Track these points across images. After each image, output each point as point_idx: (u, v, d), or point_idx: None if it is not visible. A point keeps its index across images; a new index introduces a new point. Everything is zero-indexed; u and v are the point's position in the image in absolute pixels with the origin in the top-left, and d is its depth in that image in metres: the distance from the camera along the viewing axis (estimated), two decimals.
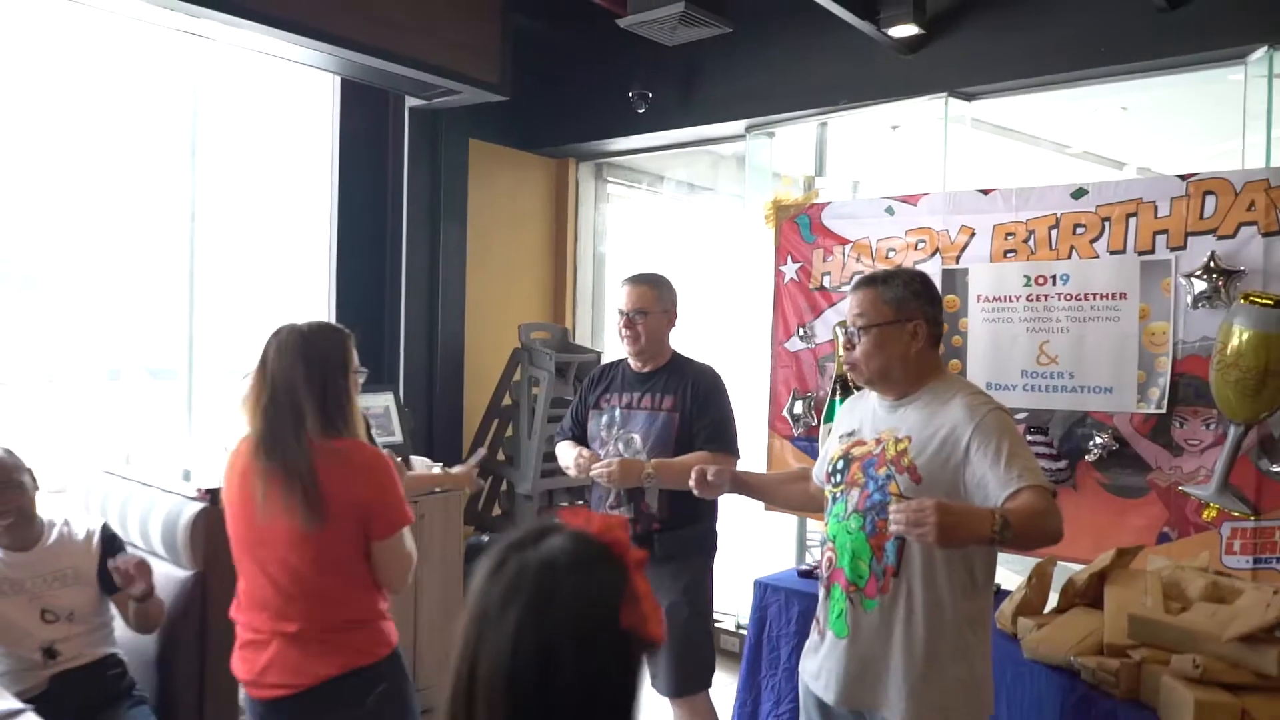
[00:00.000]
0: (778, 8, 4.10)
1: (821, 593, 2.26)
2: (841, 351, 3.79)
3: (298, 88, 4.39)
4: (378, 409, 4.00)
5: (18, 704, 2.08)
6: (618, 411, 3.02)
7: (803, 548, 4.62)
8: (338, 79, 4.34)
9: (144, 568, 2.60)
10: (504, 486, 4.76)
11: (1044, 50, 3.78)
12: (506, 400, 4.82)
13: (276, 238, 4.44)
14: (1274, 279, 3.10)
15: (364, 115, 4.43)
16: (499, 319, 5.02)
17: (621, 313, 3.09)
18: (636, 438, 2.95)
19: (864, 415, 2.30)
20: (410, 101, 4.37)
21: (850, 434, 2.30)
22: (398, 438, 4.05)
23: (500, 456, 4.78)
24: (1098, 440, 3.41)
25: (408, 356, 4.49)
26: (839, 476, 2.24)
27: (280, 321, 2.30)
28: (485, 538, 4.33)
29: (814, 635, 2.28)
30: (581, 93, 5.06)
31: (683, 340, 3.30)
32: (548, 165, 5.47)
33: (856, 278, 2.36)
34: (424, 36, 3.86)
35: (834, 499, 2.24)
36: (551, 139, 5.22)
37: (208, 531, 2.81)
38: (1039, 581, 2.74)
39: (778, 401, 4.23)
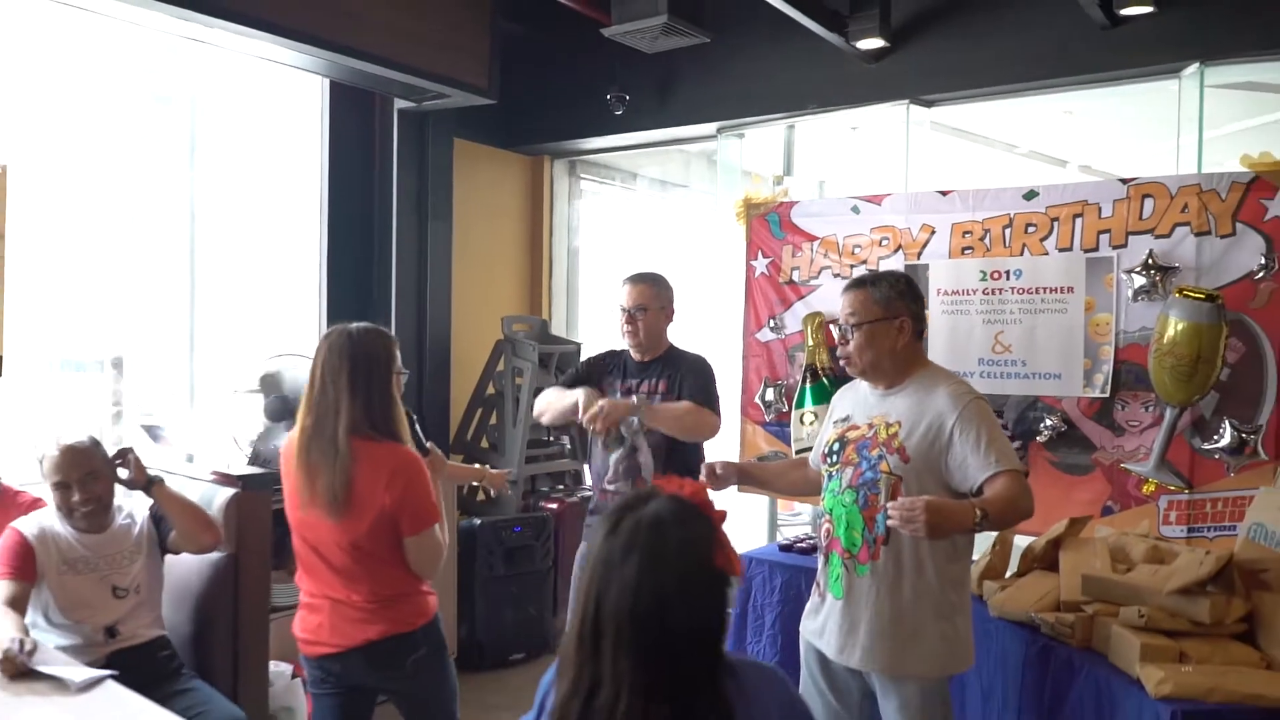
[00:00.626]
0: (751, 18, 4.33)
1: (820, 560, 2.52)
2: (825, 348, 4.09)
3: (290, 89, 4.52)
4: None
5: (101, 671, 2.26)
6: (618, 396, 3.26)
7: (774, 526, 4.90)
8: (326, 81, 4.48)
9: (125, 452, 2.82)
10: None
11: (999, 62, 4.07)
12: (490, 390, 5.02)
13: (271, 234, 4.58)
14: (1205, 274, 3.41)
15: (353, 116, 4.58)
16: (480, 311, 5.21)
17: (623, 309, 3.32)
18: (635, 420, 3.19)
19: (856, 402, 2.57)
20: (399, 103, 4.53)
21: (844, 419, 2.56)
22: None
23: (484, 444, 4.98)
24: (1048, 422, 3.71)
25: (400, 351, 4.66)
26: (835, 457, 2.50)
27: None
28: (477, 521, 4.53)
29: (814, 597, 2.55)
30: (560, 93, 5.25)
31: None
32: (524, 162, 5.66)
33: (847, 280, 2.62)
34: (416, 43, 4.03)
35: (830, 477, 2.51)
36: (530, 137, 5.41)
37: (239, 515, 2.99)
38: (1001, 549, 3.05)
39: (749, 389, 4.48)
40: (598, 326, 5.74)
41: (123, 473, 2.82)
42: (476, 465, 3.67)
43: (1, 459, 3.26)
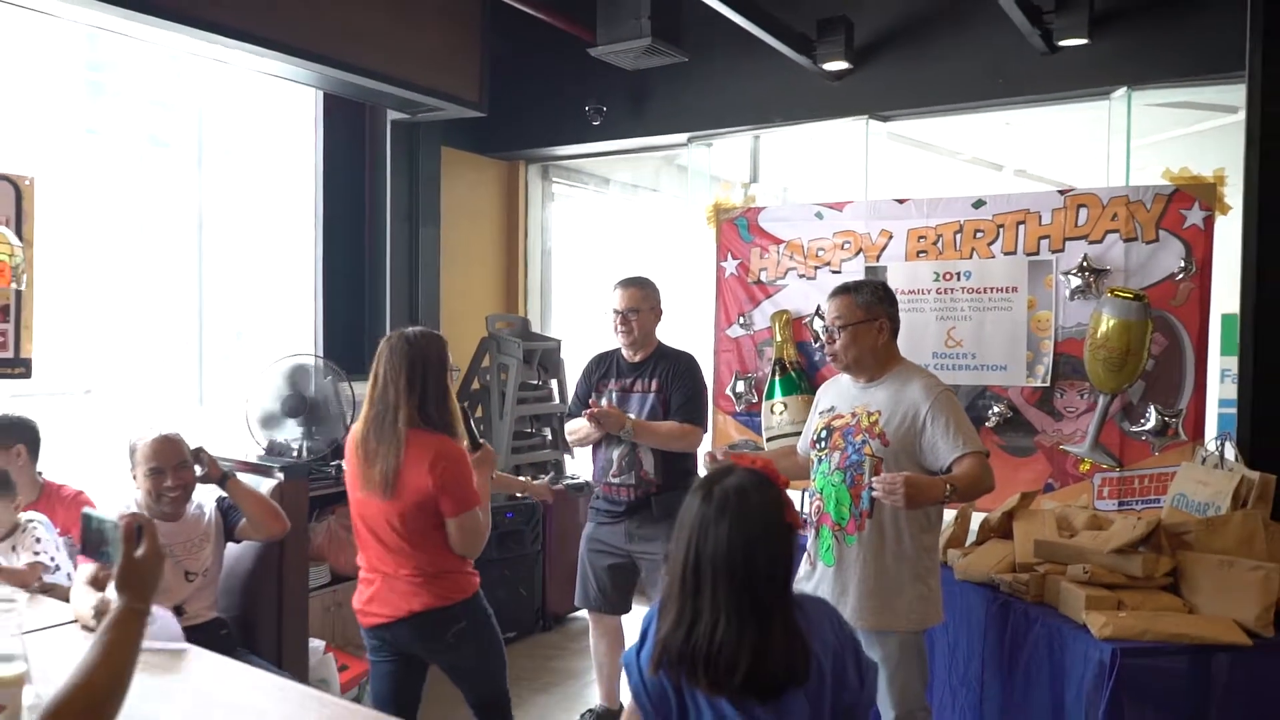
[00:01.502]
0: (724, 37, 4.65)
1: (811, 533, 2.88)
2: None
3: (287, 101, 4.73)
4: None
5: (182, 643, 2.51)
6: (614, 395, 3.59)
7: None
8: (320, 93, 4.70)
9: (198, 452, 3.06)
10: None
11: (950, 82, 4.47)
12: (475, 385, 5.28)
13: (272, 239, 4.79)
14: (1132, 276, 3.85)
15: (345, 126, 4.81)
16: (463, 310, 5.47)
17: (617, 311, 3.64)
18: (631, 416, 3.52)
19: (839, 395, 2.93)
20: (392, 115, 4.77)
21: (830, 410, 2.92)
22: None
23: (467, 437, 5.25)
24: (995, 409, 4.11)
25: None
26: (823, 443, 2.87)
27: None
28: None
29: (805, 565, 2.90)
30: (538, 102, 5.52)
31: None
32: (499, 167, 5.92)
33: (833, 287, 2.98)
34: (415, 60, 4.28)
35: (819, 460, 2.87)
36: (510, 144, 5.66)
37: (283, 501, 3.24)
38: (961, 522, 3.44)
39: (721, 382, 4.81)
40: (572, 324, 6.03)
41: (198, 469, 3.05)
42: (521, 477, 3.94)
43: (46, 457, 3.44)
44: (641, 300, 3.66)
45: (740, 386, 4.74)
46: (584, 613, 5.25)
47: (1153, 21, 4.00)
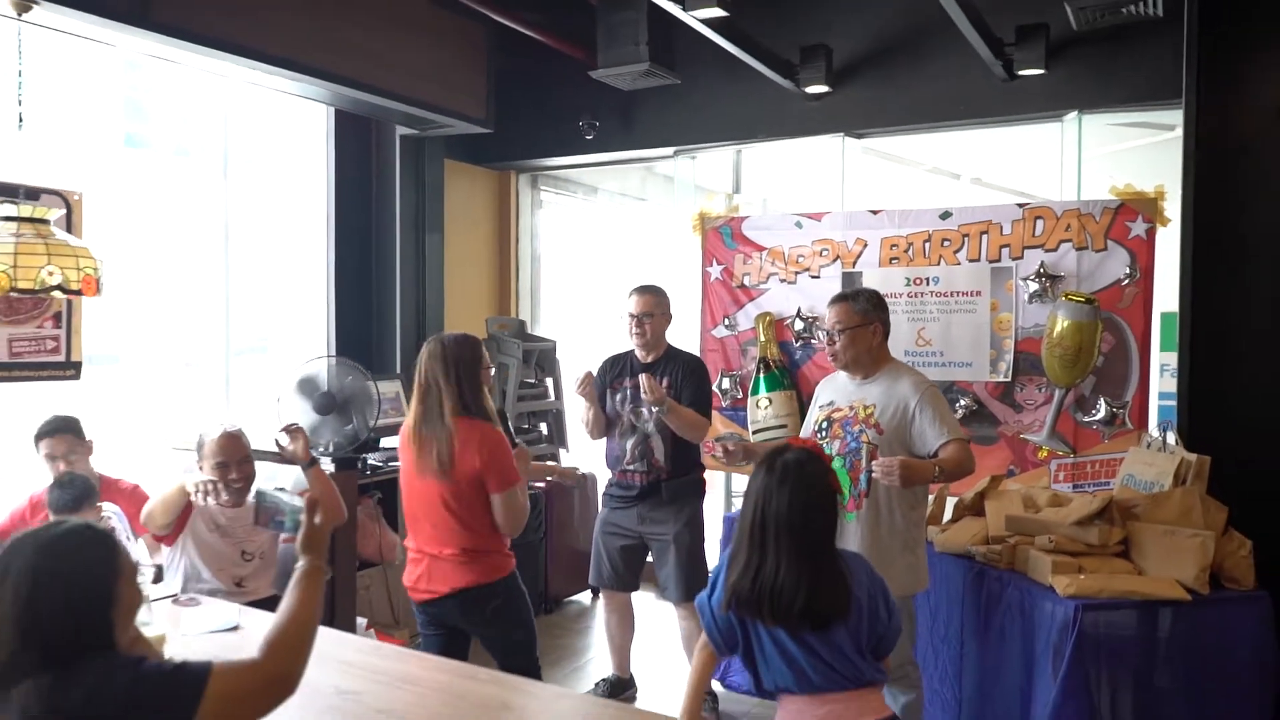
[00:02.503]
0: (711, 60, 4.98)
1: None
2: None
3: (302, 115, 5.01)
4: (389, 394, 4.72)
5: (234, 621, 2.82)
6: (629, 391, 3.94)
7: (729, 496, 5.65)
8: (333, 110, 4.98)
9: (297, 432, 3.34)
10: None
11: (918, 105, 4.89)
12: None
13: (288, 245, 5.06)
14: (1084, 281, 4.28)
15: (357, 140, 5.09)
16: (462, 312, 5.78)
17: (632, 316, 3.99)
18: (644, 410, 3.88)
19: (837, 390, 3.32)
20: (401, 130, 5.07)
21: (829, 404, 3.31)
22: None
23: None
24: (961, 403, 4.52)
25: (403, 350, 5.22)
26: (824, 433, 3.25)
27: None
28: None
29: None
30: (533, 117, 5.82)
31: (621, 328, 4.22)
32: (492, 176, 6.23)
33: (832, 294, 3.37)
34: (428, 80, 4.59)
35: (822, 448, 3.25)
36: (506, 156, 5.96)
37: None
38: (938, 502, 3.85)
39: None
40: (562, 325, 6.36)
41: (290, 447, 3.30)
42: (550, 462, 4.27)
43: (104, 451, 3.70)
44: (654, 305, 4.02)
45: (726, 383, 5.10)
46: (580, 597, 5.63)
47: (1101, 53, 4.45)
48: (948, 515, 3.82)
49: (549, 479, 4.49)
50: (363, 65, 4.33)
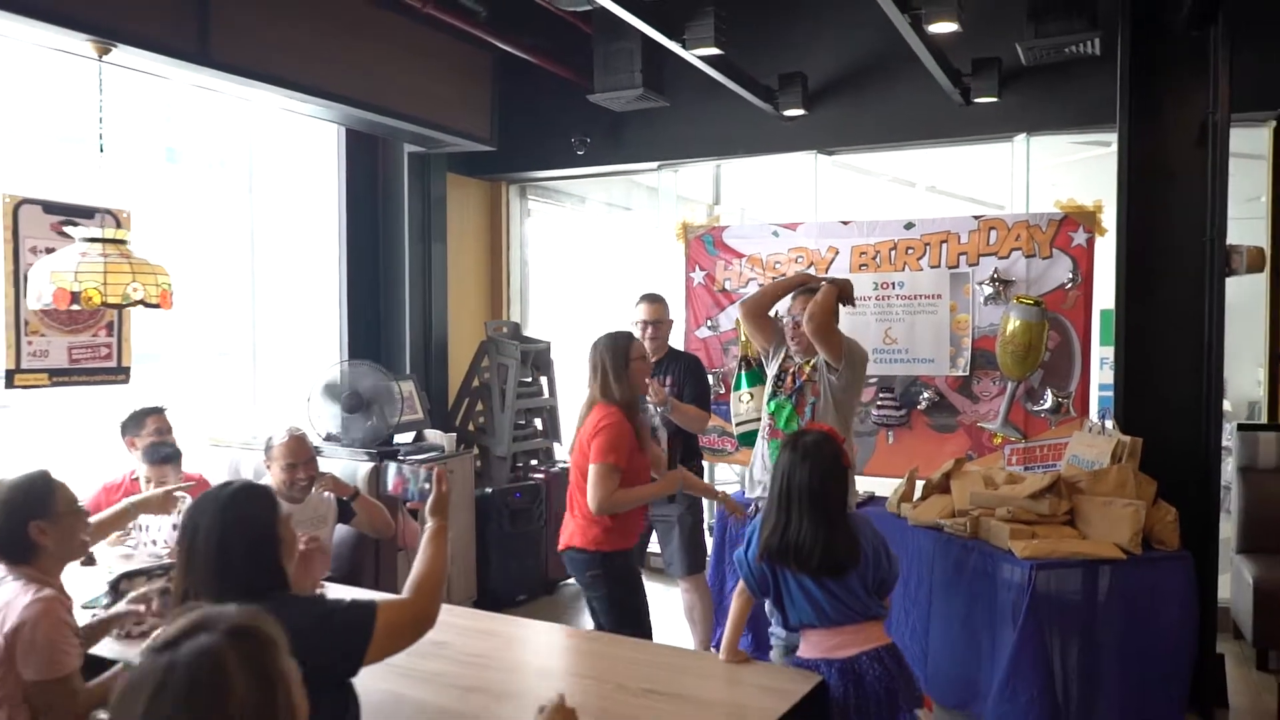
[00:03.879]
0: (697, 83, 5.33)
1: (764, 445, 3.91)
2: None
3: (316, 134, 5.37)
4: (405, 393, 5.11)
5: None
6: None
7: (712, 479, 6.11)
8: (343, 129, 5.36)
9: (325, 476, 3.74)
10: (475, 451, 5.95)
11: (883, 125, 5.39)
12: (476, 382, 5.99)
13: (308, 255, 5.43)
14: (1032, 285, 4.81)
15: (366, 156, 5.47)
16: (462, 317, 6.17)
17: (645, 322, 4.43)
18: (651, 407, 4.33)
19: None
20: (409, 147, 5.46)
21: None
22: (419, 415, 5.18)
23: (471, 428, 5.95)
24: (924, 395, 5.05)
25: (412, 351, 5.61)
26: (779, 384, 3.84)
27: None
28: (489, 490, 5.53)
29: (760, 471, 3.85)
30: (528, 132, 6.16)
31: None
32: (484, 187, 6.62)
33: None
34: (436, 102, 4.99)
35: (774, 394, 3.88)
36: (502, 168, 6.34)
37: (378, 483, 3.94)
38: (909, 483, 4.36)
39: None
40: (552, 327, 6.76)
41: (332, 490, 3.72)
42: (717, 489, 4.57)
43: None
44: (663, 312, 4.50)
45: (709, 380, 5.57)
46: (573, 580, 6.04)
47: (1047, 84, 4.98)
48: (918, 494, 4.32)
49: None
50: (382, 91, 4.73)
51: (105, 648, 2.58)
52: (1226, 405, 5.61)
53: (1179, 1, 4.10)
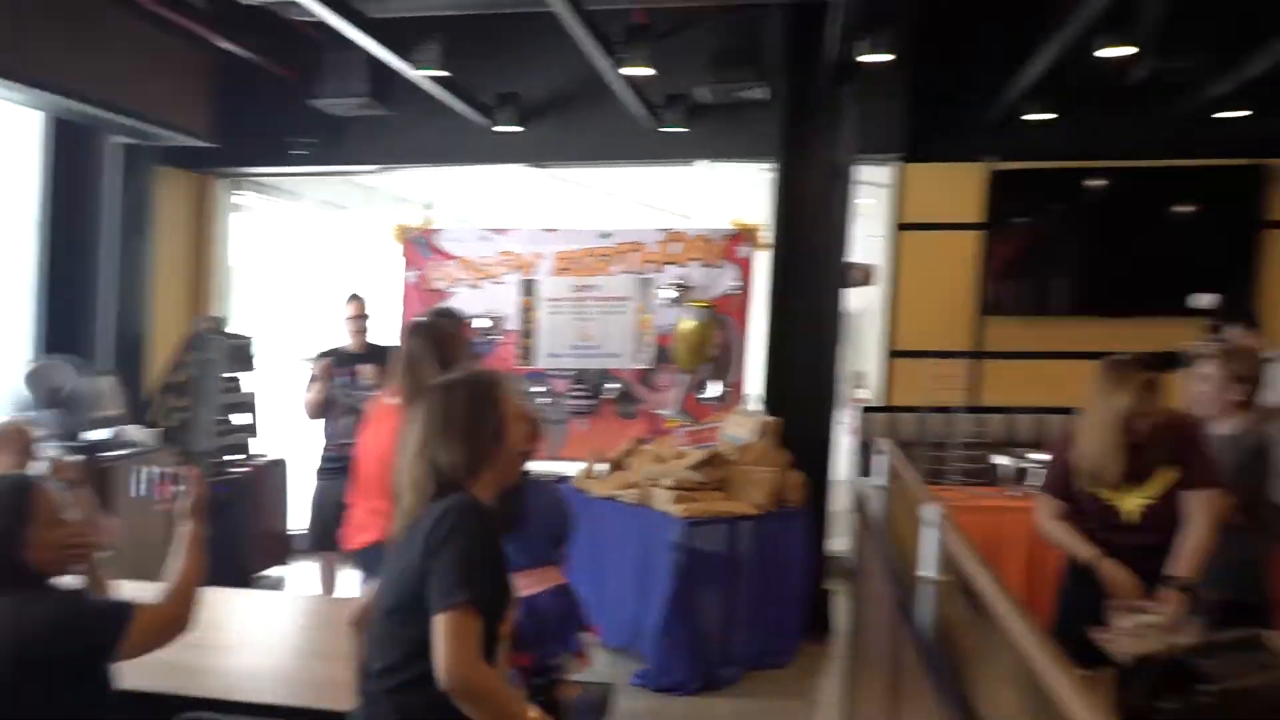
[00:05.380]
0: (419, 94, 5.48)
1: None
2: None
3: (19, 123, 5.11)
4: (105, 389, 4.98)
5: None
6: (348, 378, 4.68)
7: None
8: (49, 116, 5.12)
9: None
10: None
11: (586, 143, 5.97)
12: (181, 377, 5.88)
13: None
14: (706, 291, 5.59)
15: (71, 146, 5.17)
16: (166, 311, 6.05)
17: (354, 318, 4.82)
18: (359, 393, 4.64)
19: None
20: (116, 138, 5.29)
21: None
22: (119, 410, 5.08)
23: (173, 423, 5.85)
24: (613, 386, 5.71)
25: (118, 349, 5.45)
26: None
27: None
28: None
29: None
30: (249, 128, 6.06)
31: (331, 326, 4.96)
32: (194, 179, 6.46)
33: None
34: (151, 96, 4.93)
35: None
36: (216, 163, 6.24)
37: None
38: (592, 462, 4.95)
39: None
40: (258, 322, 6.72)
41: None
42: None
43: None
44: (368, 308, 4.84)
45: None
46: (276, 571, 6.10)
47: (727, 119, 5.71)
48: (601, 470, 4.93)
49: None
50: (93, 81, 4.65)
51: None
52: (866, 392, 6.65)
53: (826, 63, 4.92)
